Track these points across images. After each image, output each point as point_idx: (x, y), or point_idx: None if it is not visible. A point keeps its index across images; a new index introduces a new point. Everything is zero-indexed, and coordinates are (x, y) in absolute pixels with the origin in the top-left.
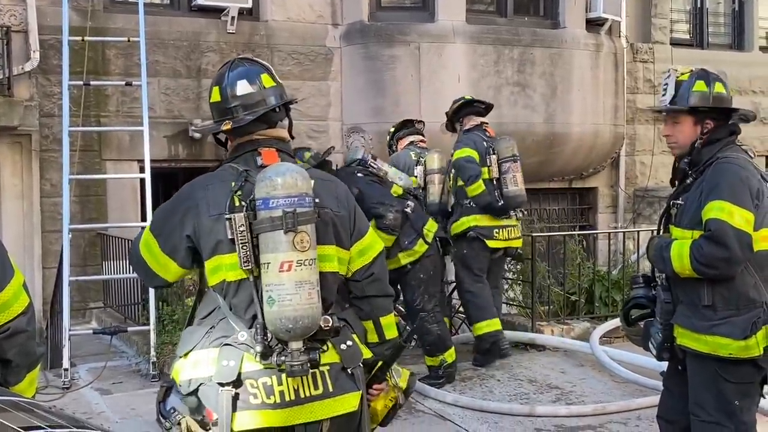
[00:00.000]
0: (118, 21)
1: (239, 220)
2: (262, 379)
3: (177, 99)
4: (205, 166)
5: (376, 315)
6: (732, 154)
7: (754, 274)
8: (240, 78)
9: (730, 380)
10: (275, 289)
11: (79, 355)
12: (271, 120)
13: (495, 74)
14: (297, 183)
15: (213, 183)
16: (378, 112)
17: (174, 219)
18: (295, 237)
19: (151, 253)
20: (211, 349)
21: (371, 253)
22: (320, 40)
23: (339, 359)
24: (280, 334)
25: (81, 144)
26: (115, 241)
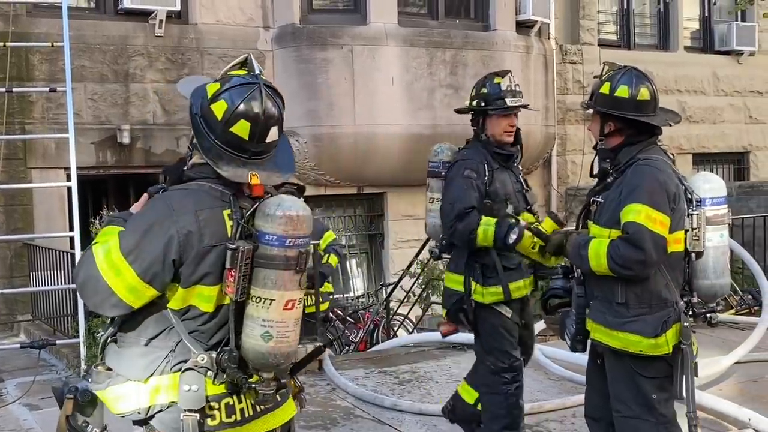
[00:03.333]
0: (42, 26)
1: (246, 252)
2: (224, 400)
3: (104, 104)
4: (135, 173)
5: None
6: (652, 156)
7: (666, 274)
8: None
9: (645, 375)
10: (276, 326)
11: (7, 369)
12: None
13: (428, 76)
14: (305, 223)
15: (202, 208)
16: (312, 115)
17: (155, 244)
18: (302, 277)
19: (121, 279)
20: (172, 374)
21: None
22: (251, 43)
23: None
24: (264, 367)
25: (5, 152)
26: (43, 252)
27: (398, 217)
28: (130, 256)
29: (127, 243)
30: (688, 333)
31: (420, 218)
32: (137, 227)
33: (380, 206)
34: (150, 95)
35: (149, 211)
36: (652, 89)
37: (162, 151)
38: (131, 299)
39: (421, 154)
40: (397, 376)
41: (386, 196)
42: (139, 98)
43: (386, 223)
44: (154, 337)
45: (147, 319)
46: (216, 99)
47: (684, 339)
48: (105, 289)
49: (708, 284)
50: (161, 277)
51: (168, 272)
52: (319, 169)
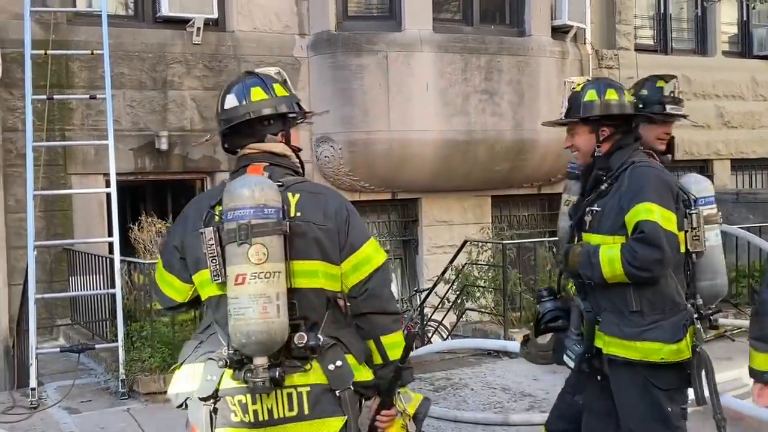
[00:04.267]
0: (82, 34)
1: (208, 234)
2: (238, 396)
3: (143, 111)
4: (172, 179)
5: (376, 334)
6: (645, 159)
7: (674, 278)
8: (229, 95)
9: (660, 387)
10: (232, 302)
11: (47, 373)
12: (258, 133)
13: (463, 82)
14: (254, 194)
15: (202, 199)
16: (347, 121)
17: (170, 236)
18: (249, 249)
19: (160, 273)
20: (197, 363)
21: (367, 268)
22: (287, 51)
23: (326, 380)
24: (241, 349)
25: (45, 158)
26: (82, 257)
27: (432, 223)
28: (161, 251)
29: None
30: (700, 336)
31: (454, 224)
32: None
33: (414, 212)
34: (187, 102)
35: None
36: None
37: (199, 157)
38: (170, 291)
39: (455, 159)
40: (432, 383)
41: (420, 202)
42: (177, 105)
43: (420, 229)
44: (201, 332)
45: (204, 315)
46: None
47: (699, 341)
48: (155, 286)
49: (709, 284)
50: (174, 264)
51: (175, 258)
52: (353, 174)
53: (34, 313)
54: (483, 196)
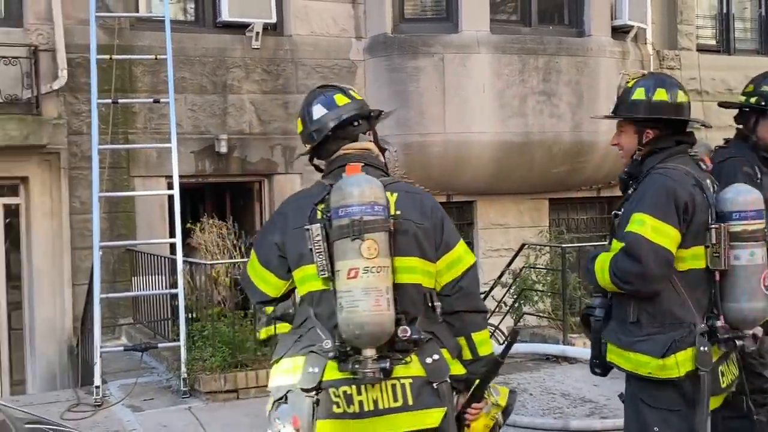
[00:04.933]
0: (145, 38)
1: (315, 230)
2: (342, 387)
3: (203, 115)
4: (232, 181)
5: (468, 331)
6: (670, 165)
7: (682, 291)
8: (315, 105)
9: (650, 404)
10: (344, 295)
11: (110, 371)
12: (351, 134)
13: (520, 83)
14: (364, 192)
15: (301, 198)
16: (403, 124)
17: (267, 233)
18: (362, 244)
19: (253, 269)
20: (298, 356)
21: (461, 267)
22: (344, 54)
23: (424, 373)
24: (350, 340)
25: (109, 161)
26: (144, 257)
27: (488, 226)
28: (255, 247)
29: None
30: (705, 359)
31: (510, 227)
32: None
33: (470, 214)
34: (246, 106)
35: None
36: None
37: (257, 160)
38: (264, 287)
39: (512, 162)
40: None
41: (476, 205)
42: (236, 109)
43: (476, 232)
44: (298, 326)
45: (298, 311)
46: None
47: (701, 365)
48: (248, 281)
49: (736, 307)
50: (272, 261)
51: (274, 254)
52: (408, 177)
53: (99, 313)
54: (540, 198)
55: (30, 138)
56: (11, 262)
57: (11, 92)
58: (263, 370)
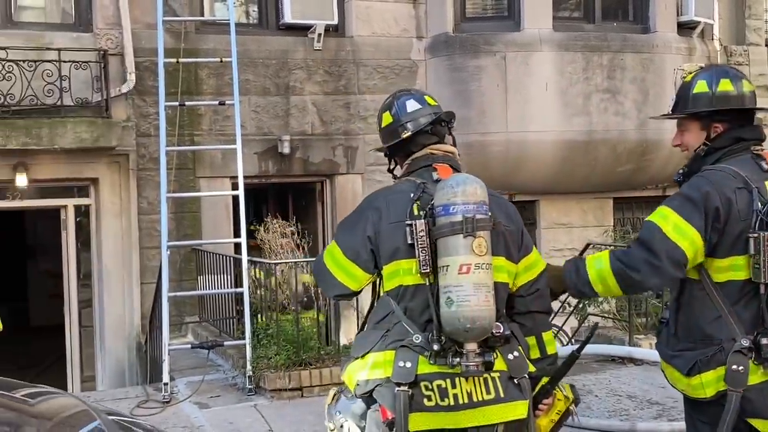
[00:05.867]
0: (210, 42)
1: (420, 225)
2: (436, 381)
3: (266, 116)
4: (295, 181)
5: (538, 330)
6: (719, 166)
7: (722, 307)
8: (408, 99)
9: (701, 419)
10: (454, 290)
11: (177, 369)
12: (440, 133)
13: (584, 81)
14: (476, 192)
15: (392, 194)
16: (464, 123)
17: (357, 226)
18: (473, 241)
19: (335, 262)
20: (387, 351)
21: (537, 269)
22: (405, 54)
23: (506, 368)
24: (458, 334)
25: (176, 162)
26: (210, 257)
27: (551, 225)
28: (339, 240)
29: (339, 233)
30: (738, 378)
31: (573, 226)
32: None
33: (532, 214)
34: (309, 107)
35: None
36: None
37: (319, 161)
38: (347, 280)
39: (575, 160)
40: None
41: (539, 204)
42: (299, 110)
43: (538, 231)
44: (379, 321)
45: (377, 306)
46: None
47: (731, 385)
48: (326, 274)
49: None
50: (362, 255)
51: (364, 247)
52: None
53: (167, 311)
54: (604, 198)
55: (100, 140)
56: (82, 262)
57: (82, 96)
58: (327, 368)
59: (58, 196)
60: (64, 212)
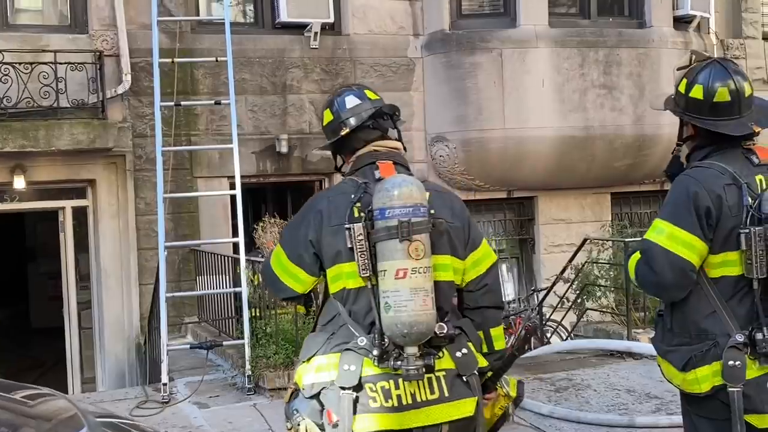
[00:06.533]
0: (205, 41)
1: (358, 229)
2: (380, 383)
3: (264, 115)
4: (293, 180)
5: (487, 326)
6: (706, 162)
7: (716, 302)
8: (348, 96)
9: (698, 414)
10: (392, 295)
11: (176, 369)
12: (383, 127)
13: (580, 77)
14: (412, 194)
15: (334, 195)
16: (461, 120)
17: (299, 230)
18: (410, 246)
19: (280, 265)
20: (332, 354)
21: (485, 264)
22: (402, 51)
23: (454, 366)
24: (396, 339)
25: (173, 163)
26: (208, 257)
27: (549, 221)
28: (283, 243)
29: (283, 234)
30: (735, 374)
31: (572, 222)
32: (292, 221)
33: (531, 210)
34: (306, 105)
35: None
36: (736, 87)
37: (317, 159)
38: (292, 283)
39: (573, 156)
40: (553, 383)
41: (537, 200)
42: (296, 109)
43: (537, 228)
44: (326, 324)
45: (324, 308)
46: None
47: (729, 381)
48: (273, 277)
49: None
50: (305, 258)
51: (307, 251)
52: (468, 173)
53: (165, 311)
54: (602, 193)
55: (96, 141)
56: (80, 263)
57: (78, 97)
58: None
59: (56, 197)
60: (62, 214)
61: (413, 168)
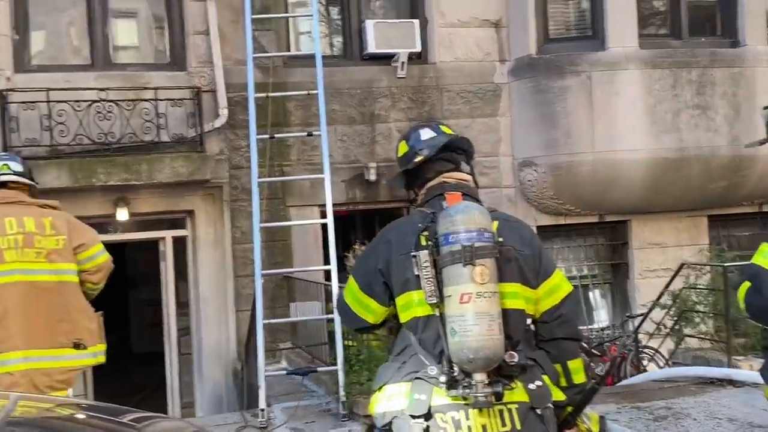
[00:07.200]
0: (297, 75)
1: (424, 257)
2: (450, 413)
3: (353, 144)
4: (381, 208)
5: (564, 358)
6: None
7: None
8: (423, 129)
9: None
10: (457, 320)
11: (273, 394)
12: (456, 160)
13: (672, 98)
14: (475, 219)
15: (403, 225)
16: (550, 144)
17: (369, 260)
18: (473, 270)
19: (353, 296)
20: (402, 383)
21: (559, 294)
22: (488, 77)
23: (528, 399)
24: (463, 365)
25: (267, 192)
26: (301, 284)
27: (644, 246)
28: (355, 274)
29: (355, 265)
30: None
31: (667, 246)
32: (364, 252)
33: (624, 234)
34: (394, 134)
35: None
36: None
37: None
38: (364, 314)
39: (666, 178)
40: (651, 412)
41: (630, 224)
42: (384, 137)
43: (631, 252)
44: (399, 353)
45: (397, 338)
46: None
47: None
48: (345, 309)
49: None
50: (375, 287)
51: (377, 280)
52: (558, 198)
53: (262, 338)
54: (698, 215)
55: (195, 174)
56: (180, 291)
57: (177, 131)
58: None
59: (156, 228)
60: (162, 244)
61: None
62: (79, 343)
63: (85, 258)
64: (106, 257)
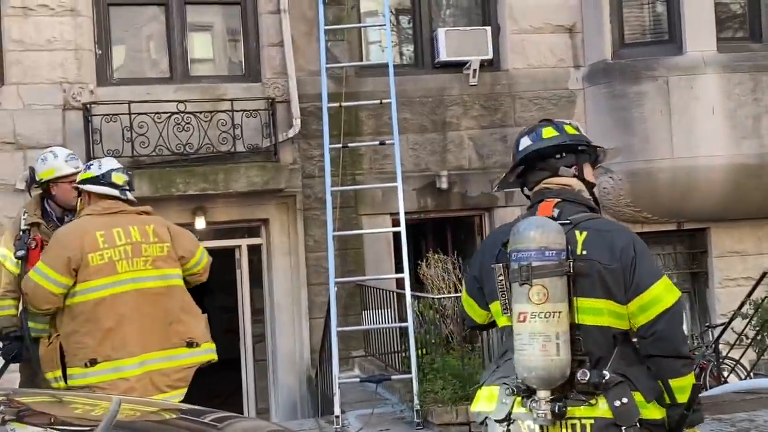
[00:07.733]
0: (369, 84)
1: (498, 270)
2: (527, 422)
3: (424, 153)
4: (453, 216)
5: (663, 376)
6: None
7: None
8: (524, 136)
9: None
10: (516, 337)
11: (346, 402)
12: (552, 166)
13: (753, 103)
14: (536, 237)
15: (497, 233)
16: (626, 150)
17: (472, 265)
18: (530, 290)
19: (464, 296)
20: (493, 386)
21: (654, 310)
22: (562, 84)
23: (611, 415)
24: (524, 381)
25: (339, 201)
26: (374, 292)
27: (724, 254)
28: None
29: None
30: None
31: (748, 254)
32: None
33: (703, 242)
34: (465, 142)
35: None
36: None
37: (477, 194)
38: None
39: (747, 185)
40: (733, 425)
41: (709, 232)
42: (455, 145)
43: (710, 260)
44: (499, 357)
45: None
46: None
47: None
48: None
49: None
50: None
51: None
52: (635, 205)
53: (336, 345)
54: None
55: (270, 183)
56: (255, 298)
57: (252, 142)
58: None
59: (232, 236)
60: (238, 252)
61: None
62: (192, 342)
63: (193, 264)
64: (208, 257)
